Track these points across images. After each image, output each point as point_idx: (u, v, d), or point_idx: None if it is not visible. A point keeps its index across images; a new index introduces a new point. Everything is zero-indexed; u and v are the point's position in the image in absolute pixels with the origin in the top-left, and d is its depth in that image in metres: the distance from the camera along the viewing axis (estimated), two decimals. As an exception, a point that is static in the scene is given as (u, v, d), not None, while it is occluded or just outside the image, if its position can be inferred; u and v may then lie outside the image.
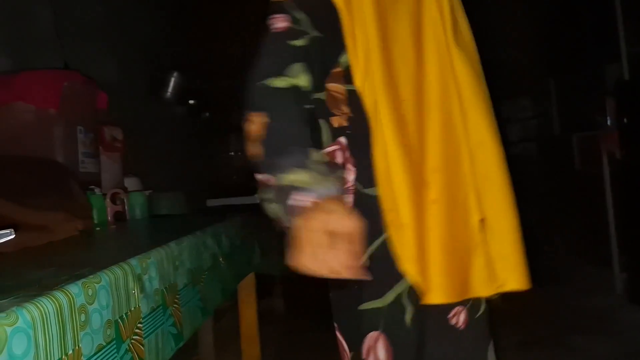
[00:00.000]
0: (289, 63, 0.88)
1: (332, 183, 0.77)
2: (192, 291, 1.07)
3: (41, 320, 0.58)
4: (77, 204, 1.35)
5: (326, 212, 0.73)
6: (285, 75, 0.87)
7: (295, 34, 0.90)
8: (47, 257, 0.97)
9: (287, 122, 0.84)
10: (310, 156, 0.79)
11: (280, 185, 0.77)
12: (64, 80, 1.77)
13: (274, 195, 0.79)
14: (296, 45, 0.89)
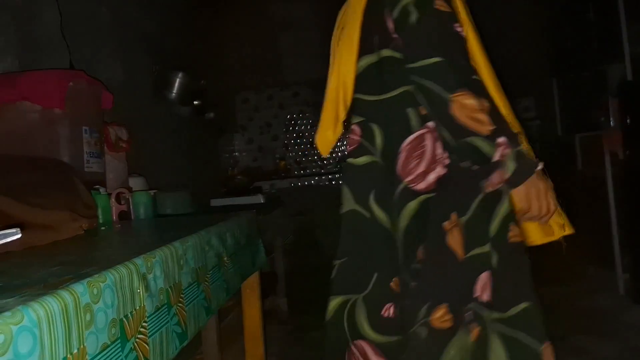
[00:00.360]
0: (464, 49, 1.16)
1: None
2: (197, 290, 1.08)
3: (47, 319, 0.59)
4: (82, 203, 1.36)
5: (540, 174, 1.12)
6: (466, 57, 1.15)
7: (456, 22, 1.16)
8: (52, 256, 0.98)
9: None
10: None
11: (518, 150, 1.07)
12: (70, 80, 1.78)
13: (513, 156, 1.07)
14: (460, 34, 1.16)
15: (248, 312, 1.70)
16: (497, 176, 1.09)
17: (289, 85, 5.87)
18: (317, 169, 5.88)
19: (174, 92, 3.36)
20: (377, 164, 1.22)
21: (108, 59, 2.81)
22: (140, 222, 1.72)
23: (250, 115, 5.93)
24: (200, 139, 4.40)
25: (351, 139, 1.27)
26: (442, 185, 1.15)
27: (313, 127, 5.91)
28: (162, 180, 3.10)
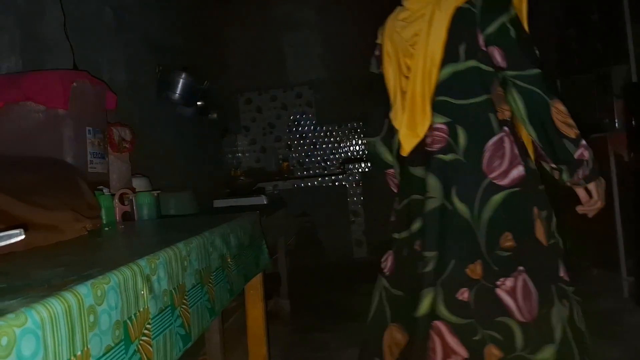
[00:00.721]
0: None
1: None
2: (201, 292, 1.08)
3: (50, 321, 0.58)
4: (85, 204, 1.35)
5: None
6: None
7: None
8: (55, 257, 0.98)
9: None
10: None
11: (592, 157, 1.36)
12: (73, 80, 1.78)
13: (592, 156, 1.36)
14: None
15: (251, 313, 1.70)
16: (580, 173, 1.36)
17: (292, 86, 5.87)
18: (320, 170, 5.88)
19: (177, 92, 3.36)
20: (460, 161, 1.40)
21: (111, 60, 2.81)
22: (143, 222, 1.72)
23: (253, 116, 5.93)
24: (203, 140, 4.40)
25: (439, 137, 1.43)
26: (523, 183, 1.39)
27: (316, 128, 5.90)
28: (165, 181, 3.10)
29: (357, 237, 5.26)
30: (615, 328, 2.72)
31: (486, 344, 1.34)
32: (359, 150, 5.89)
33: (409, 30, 1.51)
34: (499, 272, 1.36)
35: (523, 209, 1.40)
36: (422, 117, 1.44)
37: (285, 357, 2.73)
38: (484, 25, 1.37)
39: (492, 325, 1.35)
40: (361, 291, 4.03)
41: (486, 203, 1.37)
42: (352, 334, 3.02)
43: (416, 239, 1.47)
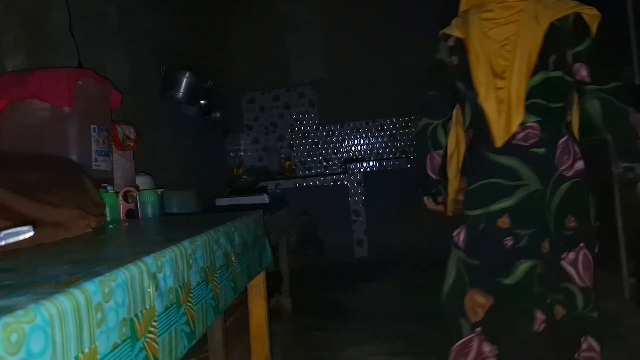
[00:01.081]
0: None
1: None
2: (205, 289, 1.08)
3: (59, 318, 0.59)
4: (90, 202, 1.36)
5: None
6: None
7: None
8: (62, 254, 0.99)
9: None
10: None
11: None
12: (79, 78, 1.79)
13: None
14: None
15: (254, 311, 1.71)
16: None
17: (295, 86, 5.88)
18: (322, 169, 5.88)
19: (181, 91, 3.37)
20: (546, 154, 1.68)
21: (116, 59, 2.82)
22: (147, 220, 1.73)
23: (255, 115, 5.94)
24: (206, 139, 4.41)
25: (532, 133, 1.68)
26: (582, 174, 1.71)
27: (318, 128, 5.91)
28: (168, 179, 3.11)
29: (359, 236, 5.26)
30: (615, 329, 2.72)
31: (554, 305, 1.72)
32: (361, 150, 5.89)
33: (499, 33, 1.69)
34: (564, 247, 1.71)
35: (583, 196, 1.73)
36: (516, 114, 1.67)
37: (287, 356, 2.73)
38: (574, 43, 1.65)
39: (558, 290, 1.71)
40: (362, 290, 4.04)
41: (556, 191, 1.69)
42: (353, 334, 3.03)
43: (499, 217, 1.70)
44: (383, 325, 3.13)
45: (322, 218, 5.33)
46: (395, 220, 5.38)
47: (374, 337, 2.93)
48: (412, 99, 5.60)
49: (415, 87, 5.61)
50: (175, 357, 0.90)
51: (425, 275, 4.31)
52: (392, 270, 4.58)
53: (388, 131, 5.87)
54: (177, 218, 1.88)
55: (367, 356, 2.67)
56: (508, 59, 1.66)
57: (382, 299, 3.79)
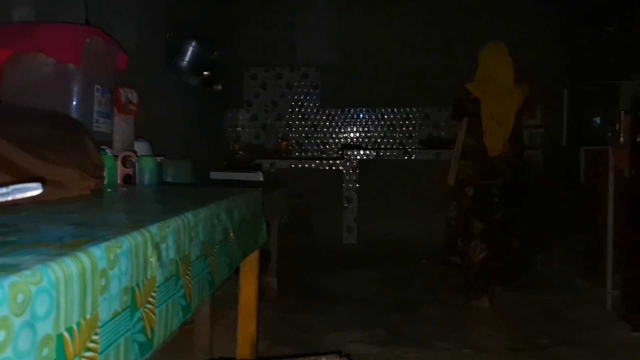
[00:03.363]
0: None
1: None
2: (203, 264, 1.07)
3: (64, 282, 0.57)
4: (91, 163, 1.34)
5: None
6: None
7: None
8: (62, 214, 0.96)
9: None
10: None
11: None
12: (87, 36, 1.75)
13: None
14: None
15: (245, 289, 1.70)
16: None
17: (299, 66, 5.82)
18: (318, 153, 5.86)
19: (186, 60, 3.32)
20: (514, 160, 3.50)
21: (123, 21, 2.76)
22: (144, 187, 1.70)
23: (257, 91, 5.88)
24: (206, 111, 4.37)
25: (506, 152, 3.37)
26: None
27: (319, 111, 5.87)
28: (165, 148, 3.07)
29: (349, 223, 5.26)
30: (594, 340, 2.76)
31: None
32: (359, 137, 5.87)
33: (501, 106, 3.33)
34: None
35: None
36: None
37: (268, 335, 2.73)
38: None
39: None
40: (348, 277, 4.05)
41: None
42: (336, 319, 3.04)
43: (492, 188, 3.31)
44: (366, 313, 3.15)
45: (314, 202, 5.32)
46: (386, 211, 5.39)
47: (356, 324, 2.94)
48: (415, 92, 5.61)
49: (420, 81, 5.60)
50: (171, 330, 0.88)
51: (409, 267, 4.34)
52: (378, 260, 4.59)
53: (388, 121, 5.85)
54: (176, 188, 1.86)
55: (348, 342, 2.68)
56: (502, 124, 3.33)
57: (366, 287, 3.80)
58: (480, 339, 2.76)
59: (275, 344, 2.64)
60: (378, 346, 2.64)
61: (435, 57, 5.35)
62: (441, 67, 5.29)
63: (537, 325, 2.99)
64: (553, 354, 2.57)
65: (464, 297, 3.43)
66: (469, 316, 3.13)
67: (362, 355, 2.51)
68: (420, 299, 3.47)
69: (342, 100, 5.78)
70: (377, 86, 5.62)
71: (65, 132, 1.31)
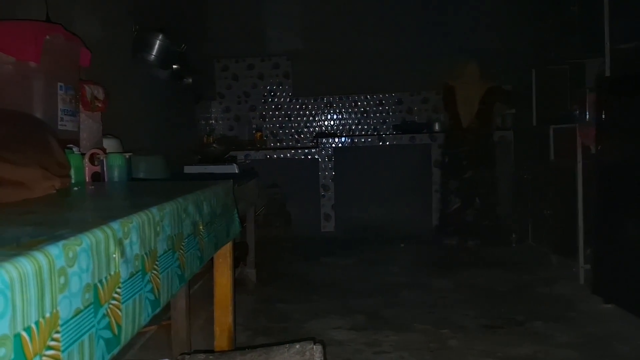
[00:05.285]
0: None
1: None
2: (172, 258, 1.07)
3: (19, 281, 0.57)
4: (55, 162, 1.32)
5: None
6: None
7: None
8: (23, 215, 0.95)
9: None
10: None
11: None
12: (47, 33, 1.72)
13: None
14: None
15: (219, 281, 1.70)
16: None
17: (270, 56, 5.79)
18: (293, 143, 5.85)
19: (154, 54, 3.27)
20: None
21: (86, 15, 2.71)
22: (113, 184, 1.69)
23: (229, 83, 5.84)
24: (177, 104, 4.32)
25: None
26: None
27: (292, 100, 5.86)
28: (136, 144, 3.04)
29: (326, 211, 5.29)
30: (568, 313, 2.83)
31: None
32: (333, 125, 5.88)
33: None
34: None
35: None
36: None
37: (249, 326, 2.75)
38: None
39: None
40: (326, 265, 4.08)
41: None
42: (316, 306, 3.06)
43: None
44: (345, 300, 3.18)
45: (290, 191, 5.33)
46: (362, 197, 5.42)
47: (336, 311, 2.97)
48: (386, 77, 5.62)
49: (390, 66, 5.61)
50: (139, 325, 0.89)
51: (387, 252, 4.39)
52: (356, 246, 4.63)
53: (362, 108, 5.86)
54: (145, 184, 1.85)
55: (329, 329, 2.71)
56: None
57: (346, 274, 3.83)
58: (457, 318, 2.81)
59: (256, 335, 2.65)
60: (357, 331, 2.67)
61: (406, 42, 5.37)
62: (412, 52, 5.31)
63: (513, 302, 3.06)
64: (528, 329, 2.64)
65: (442, 277, 3.49)
66: (446, 297, 3.19)
67: (342, 341, 2.54)
68: (399, 282, 3.51)
69: (315, 89, 5.78)
70: (349, 73, 5.62)
71: (27, 132, 1.29)
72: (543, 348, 2.41)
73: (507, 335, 2.59)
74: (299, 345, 1.23)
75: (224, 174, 3.20)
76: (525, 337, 2.55)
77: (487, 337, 2.56)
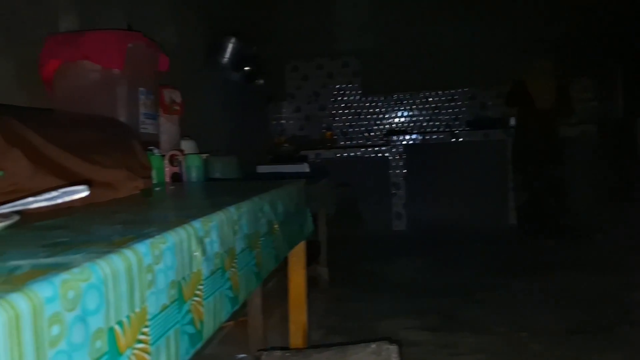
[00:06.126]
0: None
1: None
2: (249, 256, 1.09)
3: (112, 278, 0.60)
4: (139, 164, 1.38)
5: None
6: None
7: None
8: (112, 214, 1.00)
9: None
10: None
11: None
12: (129, 41, 1.80)
13: None
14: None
15: (293, 279, 1.72)
16: None
17: (340, 55, 5.80)
18: (363, 141, 5.84)
19: (226, 57, 3.37)
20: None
21: (163, 22, 2.83)
22: (192, 184, 1.75)
23: (298, 83, 5.91)
24: (248, 106, 4.42)
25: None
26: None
27: (361, 98, 5.84)
28: (210, 145, 3.14)
29: (397, 210, 5.23)
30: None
31: None
32: (404, 122, 5.81)
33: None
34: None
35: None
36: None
37: (322, 324, 2.76)
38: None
39: None
40: (398, 264, 4.03)
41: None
42: (388, 306, 3.04)
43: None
44: (418, 300, 3.13)
45: (361, 190, 5.31)
46: (435, 195, 5.32)
47: (408, 311, 2.93)
48: (458, 72, 5.49)
49: (462, 60, 5.47)
50: (219, 321, 0.91)
51: (461, 252, 4.28)
52: (429, 245, 4.55)
53: (433, 104, 5.76)
54: (221, 183, 1.90)
55: (401, 329, 2.67)
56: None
57: (417, 274, 3.78)
58: (537, 321, 2.69)
59: (329, 333, 2.66)
60: (432, 332, 2.62)
61: (479, 34, 5.21)
62: (485, 45, 5.15)
63: (598, 306, 2.89)
64: (616, 335, 2.48)
65: (521, 280, 3.36)
66: (524, 299, 3.06)
67: (415, 342, 2.50)
68: (473, 283, 3.42)
69: (385, 87, 5.73)
70: (419, 70, 5.54)
71: (113, 135, 1.35)
72: (634, 356, 2.26)
73: (591, 341, 2.45)
74: (374, 345, 1.22)
75: (296, 173, 3.24)
76: (612, 343, 2.41)
77: (570, 343, 2.44)
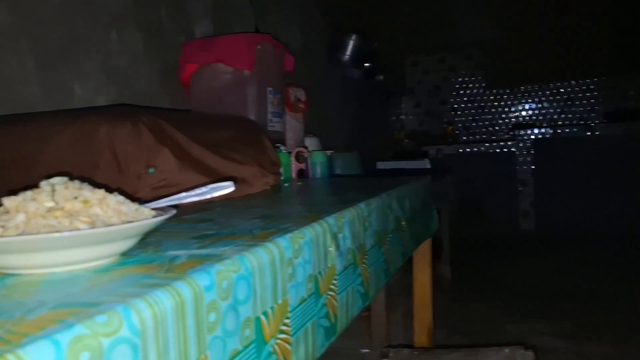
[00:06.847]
0: None
1: None
2: (378, 253, 1.09)
3: (258, 269, 0.63)
4: (269, 160, 1.44)
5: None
6: None
7: None
8: (249, 208, 1.05)
9: None
10: None
11: None
12: (258, 43, 1.88)
13: None
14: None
15: (419, 278, 1.69)
16: None
17: (462, 47, 5.61)
18: (487, 135, 5.60)
19: (347, 54, 3.40)
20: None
21: (288, 23, 2.92)
22: (317, 180, 1.79)
23: (419, 78, 5.81)
24: (369, 102, 4.43)
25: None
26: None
27: (485, 92, 5.61)
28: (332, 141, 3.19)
29: (525, 208, 4.96)
30: None
31: None
32: (532, 115, 5.48)
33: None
34: None
35: None
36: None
37: (445, 325, 2.70)
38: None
39: None
40: (526, 265, 3.82)
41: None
42: (515, 309, 2.89)
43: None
44: (548, 304, 2.94)
45: (485, 186, 5.11)
46: (566, 193, 4.96)
47: (537, 315, 2.76)
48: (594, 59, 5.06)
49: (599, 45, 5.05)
50: (352, 316, 0.92)
51: (595, 254, 3.95)
52: (559, 246, 4.26)
53: (565, 95, 5.37)
54: (345, 180, 1.92)
55: (531, 335, 2.53)
56: None
57: (546, 276, 3.55)
58: (691, 334, 2.41)
59: (451, 334, 2.59)
60: (565, 339, 2.45)
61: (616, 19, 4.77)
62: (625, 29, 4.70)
63: None
64: None
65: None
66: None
67: (547, 349, 2.35)
68: (610, 287, 3.14)
69: (511, 78, 5.45)
70: (548, 59, 5.19)
71: (246, 134, 1.42)
72: None
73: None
74: (508, 349, 1.17)
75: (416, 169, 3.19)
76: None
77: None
